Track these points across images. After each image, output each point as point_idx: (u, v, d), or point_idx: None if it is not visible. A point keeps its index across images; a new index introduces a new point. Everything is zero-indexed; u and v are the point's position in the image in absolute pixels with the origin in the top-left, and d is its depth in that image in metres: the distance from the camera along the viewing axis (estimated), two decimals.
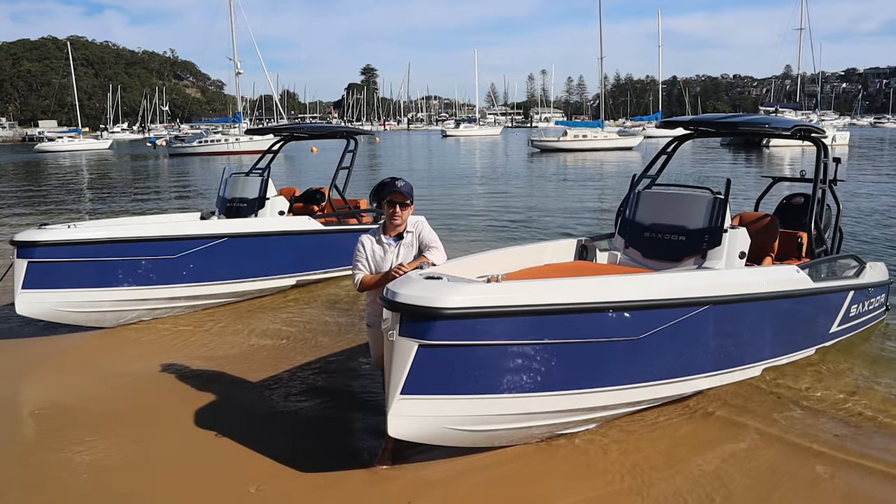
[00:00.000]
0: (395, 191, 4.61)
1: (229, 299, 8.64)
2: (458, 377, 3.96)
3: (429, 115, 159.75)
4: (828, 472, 4.47)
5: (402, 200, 4.63)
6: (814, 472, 4.46)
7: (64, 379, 6.47)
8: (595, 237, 6.72)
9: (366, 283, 4.65)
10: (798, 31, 68.05)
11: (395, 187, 4.60)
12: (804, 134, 6.56)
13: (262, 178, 9.55)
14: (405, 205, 4.66)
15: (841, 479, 4.39)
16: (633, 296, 4.40)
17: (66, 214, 18.45)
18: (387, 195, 4.64)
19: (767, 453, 4.68)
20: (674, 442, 4.83)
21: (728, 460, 4.58)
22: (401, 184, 4.62)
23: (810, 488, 4.29)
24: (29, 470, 4.64)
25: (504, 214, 17.20)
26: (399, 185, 4.61)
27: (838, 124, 66.45)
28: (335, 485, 4.34)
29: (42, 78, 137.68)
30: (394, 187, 4.61)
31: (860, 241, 12.11)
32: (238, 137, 51.36)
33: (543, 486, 4.28)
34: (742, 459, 4.60)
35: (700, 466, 4.50)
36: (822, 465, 4.54)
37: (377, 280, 4.58)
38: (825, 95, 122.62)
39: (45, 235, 7.17)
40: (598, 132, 53.29)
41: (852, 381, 5.95)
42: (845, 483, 4.35)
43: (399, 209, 4.64)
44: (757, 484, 4.28)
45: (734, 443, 4.85)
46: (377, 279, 4.58)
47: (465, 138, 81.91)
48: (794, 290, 5.63)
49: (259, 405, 5.59)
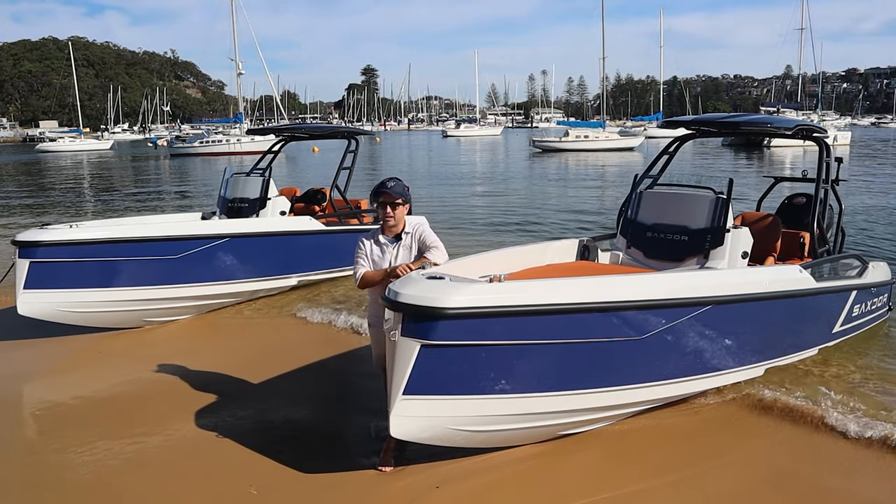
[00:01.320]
0: (385, 191, 4.64)
1: (231, 300, 8.64)
2: (461, 377, 3.95)
3: (429, 115, 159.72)
4: (829, 471, 4.46)
5: (391, 201, 4.64)
6: (814, 473, 4.45)
7: (65, 379, 6.47)
8: (597, 237, 6.71)
9: (367, 279, 4.65)
10: (799, 31, 68.02)
11: (385, 188, 4.63)
12: (806, 133, 6.56)
13: (264, 178, 9.54)
14: (396, 204, 4.67)
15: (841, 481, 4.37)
16: (635, 296, 4.39)
17: (68, 215, 18.48)
18: (379, 197, 4.67)
19: (767, 454, 4.66)
20: (676, 444, 4.82)
21: (725, 467, 4.58)
22: (391, 184, 4.64)
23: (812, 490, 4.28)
24: (31, 470, 4.65)
25: (506, 215, 17.17)
26: (389, 185, 4.64)
27: (839, 124, 66.37)
28: (337, 486, 4.33)
29: (43, 78, 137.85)
30: (384, 188, 4.64)
31: (863, 241, 12.10)
32: (240, 138, 51.44)
33: (548, 486, 4.27)
34: (740, 467, 4.59)
35: (708, 469, 4.49)
36: (822, 465, 4.52)
37: (377, 277, 4.58)
38: (826, 95, 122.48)
39: (46, 235, 7.17)
40: (599, 132, 53.27)
41: (855, 381, 5.93)
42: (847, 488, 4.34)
43: (391, 209, 4.66)
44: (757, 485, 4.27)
45: (729, 449, 4.84)
46: (377, 276, 4.59)
47: (465, 138, 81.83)
48: (797, 290, 5.62)
49: (260, 405, 5.59)
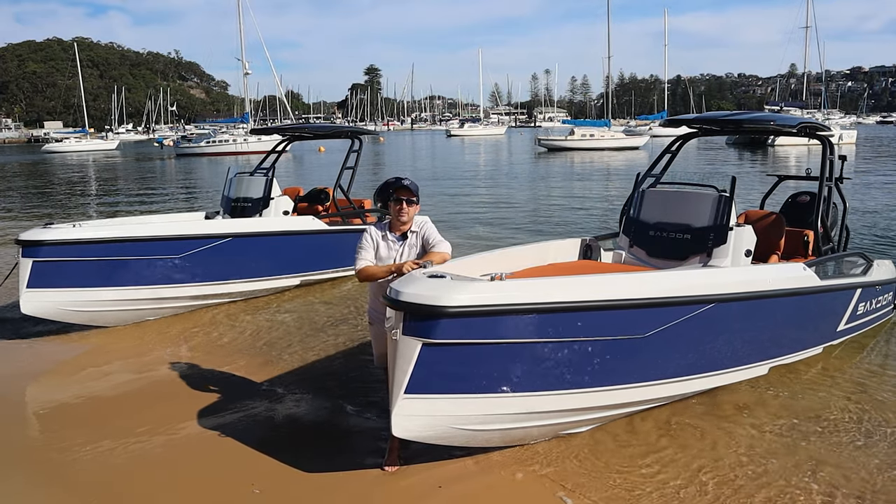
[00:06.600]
0: (402, 187, 4.60)
1: (233, 299, 8.64)
2: (463, 376, 3.94)
3: (432, 115, 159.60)
4: (829, 473, 4.44)
5: (408, 196, 4.61)
6: (815, 473, 4.43)
7: (67, 379, 6.48)
8: (600, 236, 6.68)
9: (367, 272, 4.59)
10: (804, 30, 67.57)
11: (402, 184, 4.60)
12: (810, 131, 6.53)
13: (267, 177, 9.55)
14: (412, 202, 4.64)
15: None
16: (637, 294, 4.37)
17: (75, 214, 18.48)
18: (393, 192, 4.62)
19: (767, 450, 4.65)
20: (676, 449, 4.80)
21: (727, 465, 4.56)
22: (407, 182, 4.62)
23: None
24: (33, 469, 4.65)
25: (510, 214, 17.15)
26: (406, 182, 4.61)
27: (844, 123, 66.16)
28: (340, 485, 4.32)
29: (47, 79, 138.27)
30: (400, 184, 4.60)
31: (867, 239, 12.05)
32: (246, 138, 51.61)
33: (553, 485, 4.25)
34: (735, 463, 4.57)
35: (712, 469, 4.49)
36: (822, 466, 4.51)
37: (379, 272, 4.53)
38: (830, 94, 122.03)
39: (49, 234, 7.18)
40: (605, 131, 53.15)
41: (859, 380, 5.90)
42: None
43: (406, 206, 4.61)
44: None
45: (731, 447, 4.82)
46: (379, 271, 4.53)
47: (469, 138, 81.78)
48: (801, 288, 5.59)
49: (263, 405, 5.58)
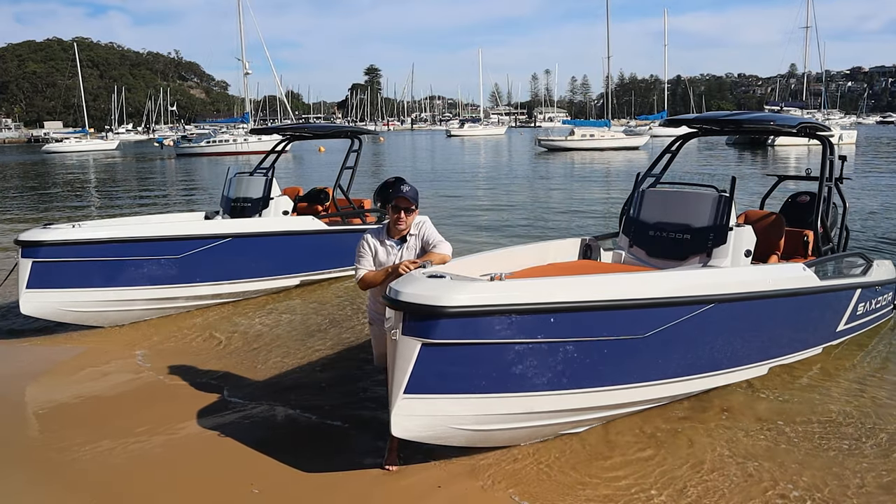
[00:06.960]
0: (401, 196, 4.56)
1: (233, 299, 8.64)
2: (462, 376, 3.93)
3: (432, 115, 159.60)
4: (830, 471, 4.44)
5: (407, 206, 4.59)
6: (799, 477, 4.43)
7: (67, 379, 6.47)
8: (599, 236, 6.68)
9: (368, 280, 4.63)
10: (804, 30, 67.71)
11: (402, 192, 4.55)
12: (810, 131, 6.53)
13: (267, 177, 9.55)
14: (410, 210, 4.62)
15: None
16: (637, 294, 4.37)
17: (75, 215, 18.45)
18: (392, 200, 4.59)
19: (767, 451, 4.65)
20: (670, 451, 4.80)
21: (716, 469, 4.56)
22: (406, 189, 4.56)
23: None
24: (33, 469, 4.65)
25: (510, 214, 17.15)
26: (405, 189, 4.56)
27: (844, 123, 66.18)
28: (339, 485, 4.32)
29: (47, 79, 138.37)
30: (400, 192, 4.55)
31: (867, 239, 12.05)
32: (246, 138, 51.66)
33: (553, 484, 4.25)
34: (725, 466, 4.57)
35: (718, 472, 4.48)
36: (807, 471, 4.51)
37: (379, 278, 4.56)
38: (830, 94, 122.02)
39: (49, 235, 7.18)
40: (605, 131, 53.11)
41: (859, 380, 5.90)
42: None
43: (404, 214, 4.60)
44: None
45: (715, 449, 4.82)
46: (379, 277, 4.56)
47: (469, 138, 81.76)
48: (801, 288, 5.59)
49: (262, 405, 5.58)
